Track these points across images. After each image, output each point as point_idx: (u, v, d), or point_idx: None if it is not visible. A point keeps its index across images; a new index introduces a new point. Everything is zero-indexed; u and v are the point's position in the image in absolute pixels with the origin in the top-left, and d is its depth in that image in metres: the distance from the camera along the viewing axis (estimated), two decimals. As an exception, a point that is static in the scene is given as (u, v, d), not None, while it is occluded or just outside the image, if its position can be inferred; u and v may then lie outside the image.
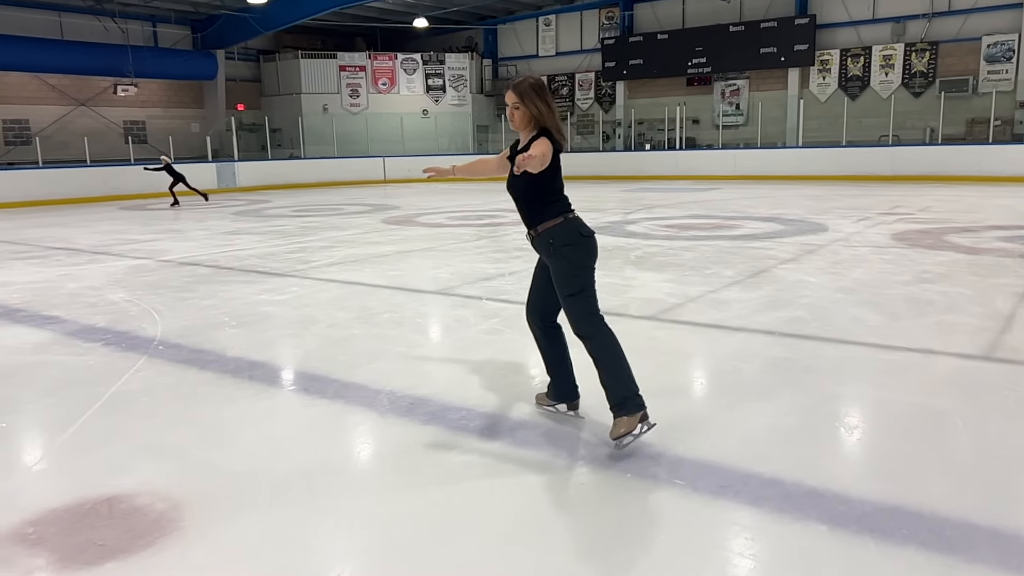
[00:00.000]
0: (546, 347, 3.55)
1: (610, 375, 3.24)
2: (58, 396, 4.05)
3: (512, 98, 3.27)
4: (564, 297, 3.27)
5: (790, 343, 4.74)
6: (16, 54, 22.00)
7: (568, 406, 3.58)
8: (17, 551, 2.44)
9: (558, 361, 3.54)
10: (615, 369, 3.25)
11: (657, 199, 16.12)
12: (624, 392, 3.19)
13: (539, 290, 3.49)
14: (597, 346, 3.26)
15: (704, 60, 25.21)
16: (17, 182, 18.74)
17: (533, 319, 3.54)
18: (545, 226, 3.27)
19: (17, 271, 8.30)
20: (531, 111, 3.24)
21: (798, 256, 7.95)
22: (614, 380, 3.23)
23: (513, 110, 3.28)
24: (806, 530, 2.50)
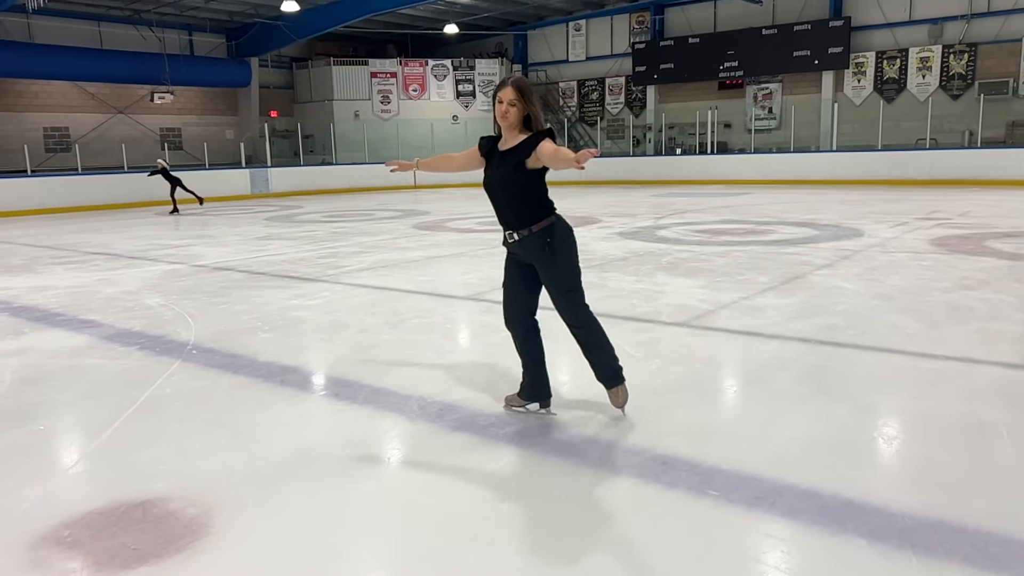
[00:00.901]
0: (529, 348, 3.60)
1: (602, 355, 3.53)
2: (94, 400, 4.11)
3: (512, 95, 3.25)
4: (564, 293, 3.44)
5: (826, 351, 4.65)
6: (57, 63, 22.52)
7: (541, 404, 3.66)
8: (53, 554, 2.47)
9: (540, 361, 3.63)
10: (606, 349, 3.55)
11: (688, 204, 15.99)
12: (615, 365, 3.53)
13: (519, 294, 3.54)
14: (590, 332, 3.53)
15: (736, 64, 24.96)
16: (58, 188, 19.16)
17: (515, 325, 3.58)
18: (540, 225, 3.35)
19: (57, 275, 8.47)
20: (529, 111, 3.26)
21: (833, 262, 7.82)
22: (607, 358, 3.53)
23: (510, 107, 3.25)
24: (844, 544, 2.43)
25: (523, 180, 3.32)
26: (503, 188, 3.39)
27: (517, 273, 3.53)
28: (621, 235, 10.70)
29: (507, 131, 3.34)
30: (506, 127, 3.31)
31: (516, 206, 3.39)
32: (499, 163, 3.38)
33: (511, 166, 3.32)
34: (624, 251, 9.06)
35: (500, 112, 3.28)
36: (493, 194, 3.45)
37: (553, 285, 3.45)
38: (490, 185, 3.43)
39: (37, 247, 11.38)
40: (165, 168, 17.53)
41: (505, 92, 3.26)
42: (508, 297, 3.58)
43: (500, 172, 3.37)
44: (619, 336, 5.06)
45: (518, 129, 3.30)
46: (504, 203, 3.42)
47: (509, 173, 3.34)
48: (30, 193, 18.50)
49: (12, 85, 23.17)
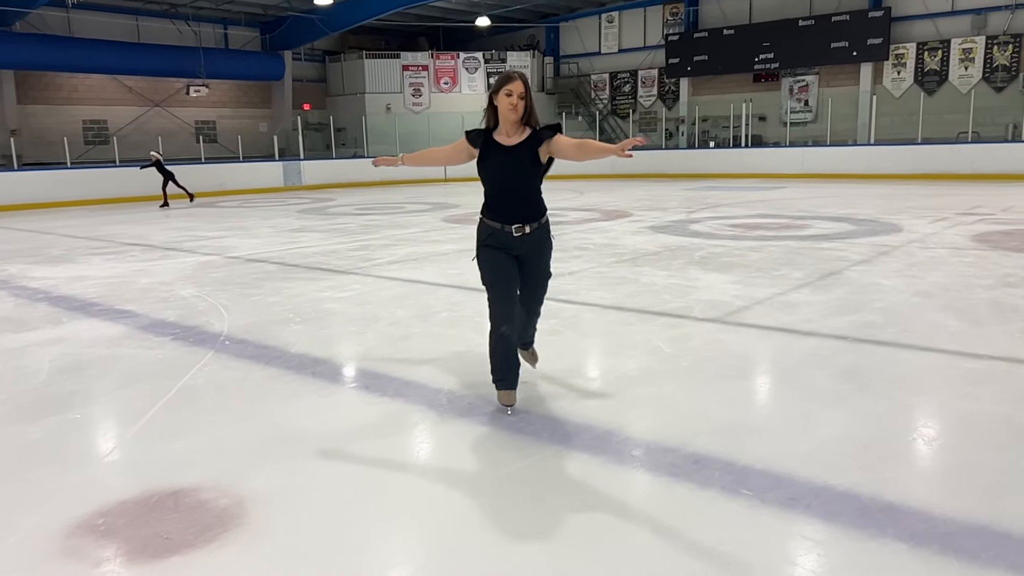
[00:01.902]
0: (514, 342, 3.64)
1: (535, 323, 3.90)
2: (129, 389, 4.16)
3: (521, 88, 3.33)
4: (546, 280, 3.70)
5: (864, 349, 4.55)
6: (96, 57, 22.94)
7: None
8: (87, 542, 2.50)
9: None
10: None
11: (722, 198, 15.79)
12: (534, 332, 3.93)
13: (513, 289, 3.54)
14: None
15: (772, 56, 24.59)
16: (96, 180, 19.51)
17: (513, 320, 3.55)
18: (545, 217, 3.54)
19: (95, 266, 8.62)
20: (530, 105, 3.36)
21: (871, 258, 7.65)
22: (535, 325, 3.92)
23: (519, 100, 3.32)
24: (883, 548, 2.36)
25: (538, 173, 3.44)
26: (523, 182, 3.45)
27: (511, 268, 3.51)
28: (653, 229, 10.60)
29: (512, 124, 3.38)
30: (514, 120, 3.36)
31: (533, 199, 3.49)
32: (510, 157, 3.39)
33: (528, 160, 3.39)
34: (656, 245, 8.97)
35: (510, 105, 3.32)
36: (506, 188, 3.46)
37: (542, 275, 3.66)
38: (504, 179, 3.45)
39: (76, 238, 11.60)
40: (159, 161, 17.41)
41: (516, 85, 3.31)
42: (508, 294, 3.52)
43: (516, 166, 3.40)
44: (650, 332, 5.02)
45: (518, 123, 3.36)
46: (523, 196, 3.46)
47: (527, 167, 3.41)
48: (70, 184, 18.88)
49: (53, 78, 23.65)
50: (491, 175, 3.45)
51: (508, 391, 3.60)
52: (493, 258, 3.50)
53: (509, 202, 3.46)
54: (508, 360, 3.58)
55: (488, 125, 3.45)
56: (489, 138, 3.44)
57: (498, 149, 3.41)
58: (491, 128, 3.45)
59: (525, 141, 3.39)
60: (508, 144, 3.40)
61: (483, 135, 3.45)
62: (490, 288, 3.54)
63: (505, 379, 3.60)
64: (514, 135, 3.40)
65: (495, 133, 3.44)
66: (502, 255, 3.49)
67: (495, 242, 3.49)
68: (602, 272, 7.30)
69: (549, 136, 3.37)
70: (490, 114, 3.43)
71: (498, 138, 3.43)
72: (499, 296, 3.52)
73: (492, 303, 3.54)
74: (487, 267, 3.53)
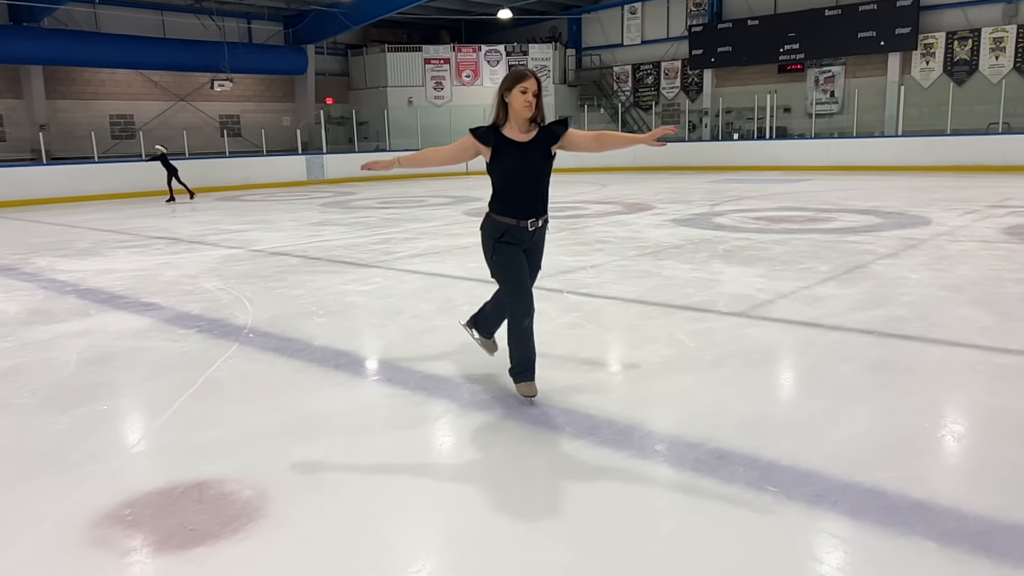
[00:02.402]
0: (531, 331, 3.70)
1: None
2: (155, 381, 4.21)
3: (535, 86, 3.37)
4: (537, 271, 3.74)
5: (891, 343, 4.48)
6: (123, 52, 23.20)
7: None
8: (114, 532, 2.53)
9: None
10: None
11: (746, 190, 15.64)
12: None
13: (529, 278, 3.63)
14: None
15: (797, 46, 24.29)
16: (123, 174, 19.74)
17: (532, 310, 3.61)
18: (549, 211, 3.64)
19: (121, 259, 8.73)
20: (540, 103, 3.41)
21: (898, 251, 7.54)
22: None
23: (534, 97, 3.37)
24: (912, 546, 2.33)
25: (551, 169, 3.53)
26: (541, 177, 3.51)
27: (525, 262, 3.58)
28: (675, 222, 10.53)
29: (524, 121, 3.41)
30: (527, 117, 3.39)
31: (545, 194, 3.58)
32: (526, 153, 3.43)
33: (542, 155, 3.47)
34: (679, 238, 8.90)
35: (526, 102, 3.35)
36: (526, 183, 3.49)
37: (538, 268, 3.74)
38: (522, 175, 3.47)
39: (103, 231, 11.75)
40: (164, 155, 17.34)
41: (531, 83, 3.36)
42: (528, 288, 3.59)
43: (532, 162, 3.45)
44: (673, 326, 4.98)
45: (529, 120, 3.41)
46: (538, 191, 3.53)
47: (542, 162, 3.49)
48: (97, 178, 19.12)
49: (80, 74, 23.95)
50: (508, 171, 3.46)
51: (531, 382, 3.61)
52: (511, 254, 3.52)
53: (525, 198, 3.50)
54: (530, 352, 3.61)
55: (497, 122, 3.45)
56: (500, 135, 3.44)
57: (513, 146, 3.43)
58: (499, 125, 3.45)
59: (537, 137, 3.45)
60: (522, 140, 3.44)
61: (493, 132, 3.45)
62: (512, 283, 3.55)
63: (527, 371, 3.61)
64: (528, 132, 3.44)
65: (504, 130, 3.44)
66: (517, 250, 3.53)
67: (511, 238, 3.50)
68: (624, 265, 7.26)
69: (562, 131, 3.46)
70: (500, 110, 3.44)
71: (509, 134, 3.44)
72: (521, 290, 3.54)
73: (514, 298, 3.55)
74: (506, 263, 3.53)
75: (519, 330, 3.57)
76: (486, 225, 3.57)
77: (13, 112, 22.36)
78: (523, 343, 3.58)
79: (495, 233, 3.52)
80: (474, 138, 3.47)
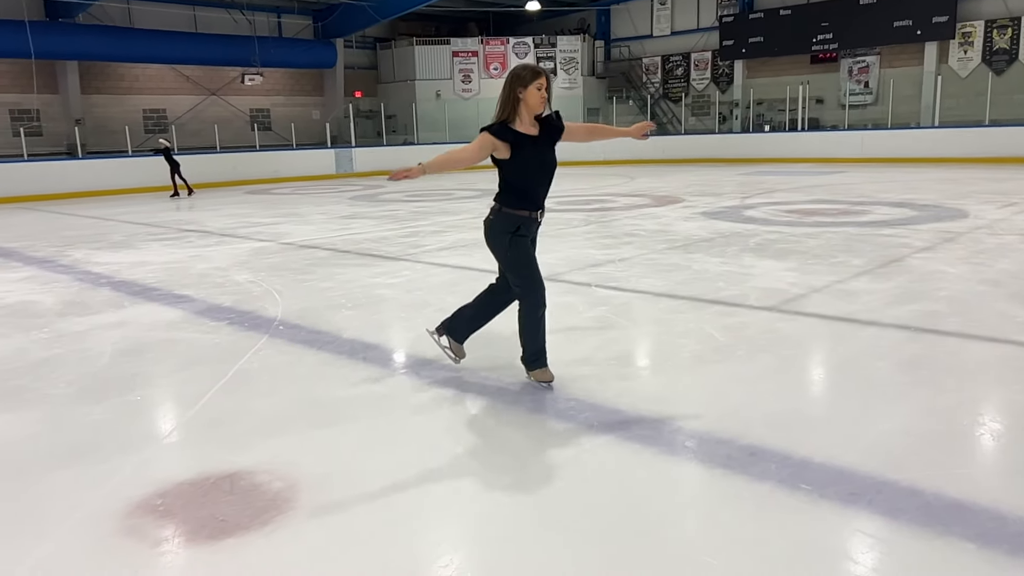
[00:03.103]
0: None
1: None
2: (187, 372, 4.26)
3: (548, 83, 3.48)
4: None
5: (927, 339, 4.39)
6: (156, 47, 23.48)
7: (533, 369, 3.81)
8: (146, 522, 2.56)
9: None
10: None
11: (777, 183, 15.43)
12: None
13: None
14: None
15: (830, 36, 23.86)
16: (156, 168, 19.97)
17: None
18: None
19: (154, 252, 8.85)
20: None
21: (934, 244, 7.38)
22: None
23: (547, 92, 3.47)
24: (950, 547, 2.27)
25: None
26: (552, 170, 3.63)
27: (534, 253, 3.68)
28: (706, 215, 10.42)
29: (533, 117, 3.50)
30: (537, 113, 3.49)
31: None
32: (539, 148, 3.52)
33: (552, 149, 3.58)
34: (709, 231, 8.80)
35: (541, 99, 3.45)
36: (542, 176, 3.59)
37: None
38: (539, 168, 3.56)
39: (136, 224, 11.93)
40: (168, 148, 17.19)
41: (544, 80, 3.45)
42: (541, 278, 3.68)
43: (547, 155, 3.57)
44: (704, 320, 4.92)
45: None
46: (549, 183, 3.63)
47: (553, 156, 3.61)
48: (130, 172, 19.40)
49: (115, 69, 24.30)
50: (526, 166, 3.51)
51: (547, 368, 3.73)
52: (526, 246, 3.62)
53: (540, 191, 3.60)
54: (544, 340, 3.72)
55: (507, 118, 3.47)
56: (515, 131, 3.47)
57: (529, 140, 3.49)
58: (508, 121, 3.48)
59: (544, 131, 3.55)
60: (534, 135, 3.51)
61: (507, 128, 3.47)
62: (533, 275, 3.62)
63: (542, 357, 3.73)
64: (533, 127, 3.52)
65: (516, 126, 3.48)
66: (528, 242, 3.62)
67: (524, 231, 3.57)
68: (653, 259, 7.20)
69: (562, 125, 3.59)
70: (511, 106, 3.45)
71: (522, 130, 3.48)
72: (538, 281, 3.64)
73: (533, 289, 3.62)
74: (524, 255, 3.60)
75: (535, 320, 3.65)
76: (499, 220, 3.58)
77: (50, 107, 22.76)
78: (540, 332, 3.69)
79: (510, 227, 3.55)
80: (492, 136, 3.46)
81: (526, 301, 3.64)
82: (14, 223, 12.79)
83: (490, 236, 3.63)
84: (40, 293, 6.57)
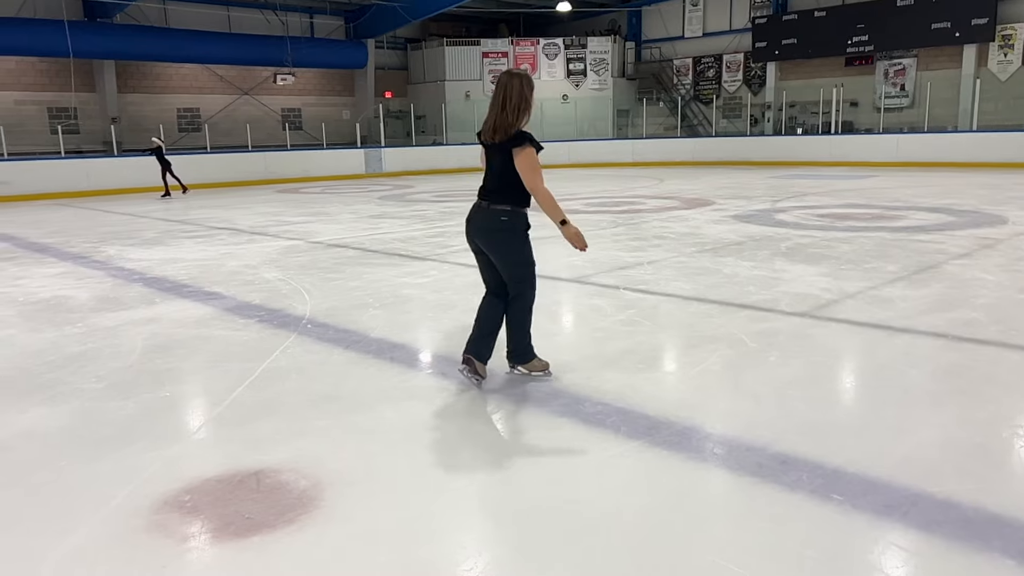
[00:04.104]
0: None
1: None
2: (216, 369, 4.29)
3: None
4: None
5: (965, 348, 4.28)
6: (190, 47, 23.84)
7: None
8: (174, 518, 2.57)
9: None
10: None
11: (809, 186, 15.22)
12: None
13: None
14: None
15: (866, 38, 23.48)
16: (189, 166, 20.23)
17: None
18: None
19: (186, 249, 8.96)
20: None
21: (972, 251, 7.22)
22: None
23: None
24: (989, 563, 2.20)
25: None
26: None
27: None
28: (736, 218, 10.30)
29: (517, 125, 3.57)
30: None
31: None
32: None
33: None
34: (739, 235, 8.70)
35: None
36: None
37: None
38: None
39: (169, 221, 12.10)
40: (160, 147, 16.82)
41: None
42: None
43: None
44: (734, 325, 4.85)
45: None
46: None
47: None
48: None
49: (150, 68, 24.71)
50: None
51: (539, 356, 3.93)
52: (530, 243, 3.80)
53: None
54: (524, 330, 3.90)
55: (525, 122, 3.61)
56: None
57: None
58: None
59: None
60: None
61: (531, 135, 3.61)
62: (534, 270, 3.81)
63: (531, 349, 3.92)
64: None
65: (526, 127, 3.61)
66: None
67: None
68: (682, 262, 7.12)
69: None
70: (527, 110, 3.57)
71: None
72: (535, 275, 3.83)
73: (533, 284, 3.82)
74: (531, 251, 3.78)
75: (529, 313, 3.84)
76: (517, 219, 3.68)
77: (87, 105, 23.19)
78: (529, 326, 3.86)
79: (526, 226, 3.73)
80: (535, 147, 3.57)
81: (525, 297, 3.78)
82: (51, 219, 13.04)
83: (506, 235, 3.68)
84: (75, 288, 6.68)
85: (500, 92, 3.52)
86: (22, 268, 7.88)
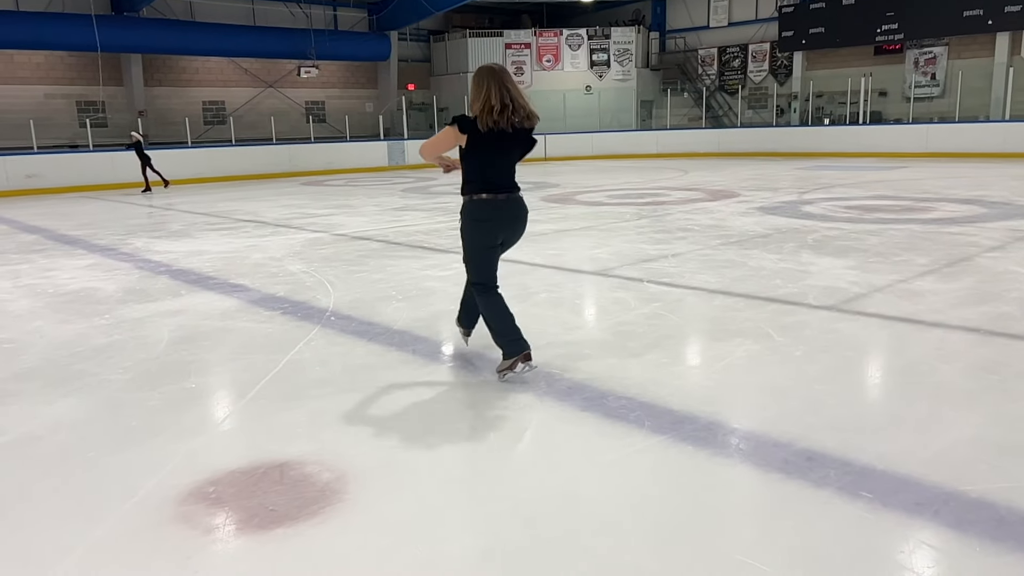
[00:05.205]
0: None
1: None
2: (240, 360, 4.32)
3: None
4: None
5: (998, 343, 4.19)
6: (216, 40, 24.02)
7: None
8: (198, 509, 2.59)
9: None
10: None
11: (836, 178, 15.00)
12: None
13: None
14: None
15: (895, 26, 23.06)
16: (214, 159, 20.48)
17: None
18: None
19: (211, 241, 9.03)
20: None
21: (1005, 243, 7.07)
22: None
23: None
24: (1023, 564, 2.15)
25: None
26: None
27: None
28: (762, 210, 10.18)
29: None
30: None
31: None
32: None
33: None
34: (765, 227, 8.59)
35: None
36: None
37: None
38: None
39: (195, 214, 12.21)
40: (139, 142, 16.51)
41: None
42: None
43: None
44: (761, 318, 4.79)
45: None
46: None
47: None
48: (190, 163, 19.87)
49: (176, 61, 24.92)
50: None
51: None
52: None
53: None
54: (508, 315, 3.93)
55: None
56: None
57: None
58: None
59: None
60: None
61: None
62: None
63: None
64: None
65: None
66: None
67: None
68: (707, 255, 7.05)
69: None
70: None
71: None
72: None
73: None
74: None
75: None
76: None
77: (114, 99, 23.45)
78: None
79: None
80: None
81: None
82: (80, 211, 13.22)
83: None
84: (102, 280, 6.76)
85: (508, 80, 3.67)
86: (51, 260, 7.99)
